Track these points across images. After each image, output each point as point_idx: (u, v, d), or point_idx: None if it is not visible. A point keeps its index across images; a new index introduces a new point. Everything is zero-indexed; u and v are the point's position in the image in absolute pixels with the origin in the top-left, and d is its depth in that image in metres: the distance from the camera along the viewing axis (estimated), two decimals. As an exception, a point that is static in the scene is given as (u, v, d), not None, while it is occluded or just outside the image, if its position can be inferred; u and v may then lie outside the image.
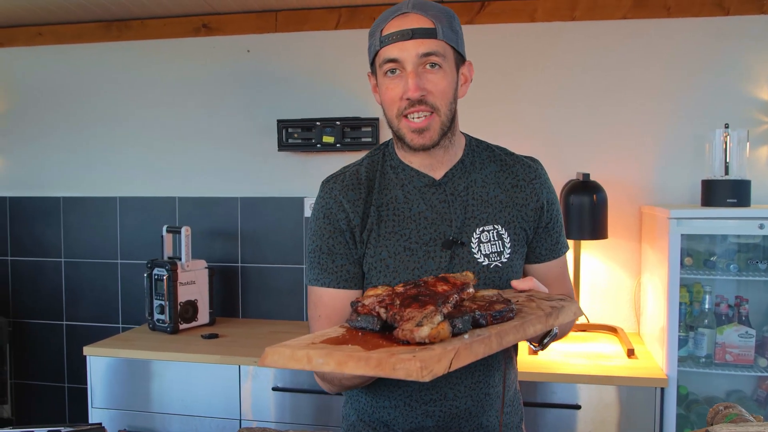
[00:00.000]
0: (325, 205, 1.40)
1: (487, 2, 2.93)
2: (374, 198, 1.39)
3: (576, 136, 2.91)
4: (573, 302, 1.22)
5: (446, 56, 1.30)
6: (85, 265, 3.35)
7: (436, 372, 0.90)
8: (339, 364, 0.95)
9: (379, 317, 1.07)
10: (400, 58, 1.28)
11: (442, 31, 1.28)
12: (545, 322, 1.12)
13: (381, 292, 1.12)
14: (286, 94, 3.14)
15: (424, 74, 1.28)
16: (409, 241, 1.36)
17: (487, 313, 1.06)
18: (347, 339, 1.04)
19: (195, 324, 2.94)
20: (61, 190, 3.38)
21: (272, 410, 2.53)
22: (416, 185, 1.40)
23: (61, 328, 3.39)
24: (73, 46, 3.31)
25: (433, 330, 0.97)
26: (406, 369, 0.90)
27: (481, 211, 1.39)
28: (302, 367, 0.98)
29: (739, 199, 2.44)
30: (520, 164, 1.45)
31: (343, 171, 1.45)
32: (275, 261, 3.17)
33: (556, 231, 1.47)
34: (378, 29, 1.32)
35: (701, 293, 2.50)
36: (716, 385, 2.61)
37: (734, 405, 1.31)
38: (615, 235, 2.85)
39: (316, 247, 1.41)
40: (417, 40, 1.27)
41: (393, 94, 1.31)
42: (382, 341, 1.01)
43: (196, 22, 3.18)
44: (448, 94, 1.31)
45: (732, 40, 2.77)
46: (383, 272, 1.36)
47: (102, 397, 2.66)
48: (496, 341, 1.02)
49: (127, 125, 3.30)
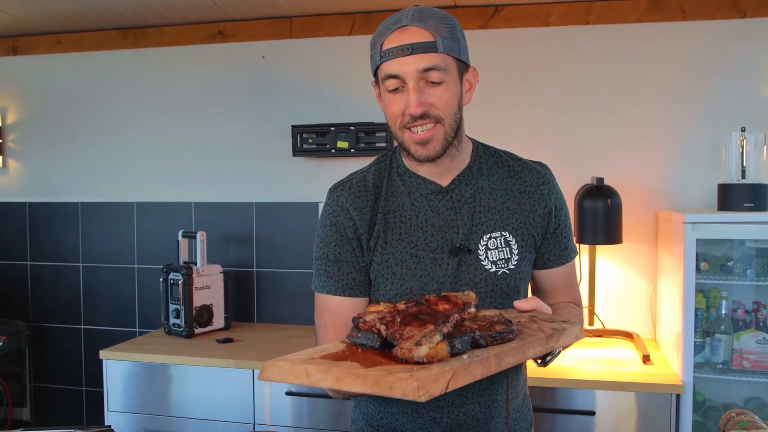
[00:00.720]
0: (332, 212, 1.41)
1: (500, 7, 2.93)
2: (381, 205, 1.39)
3: (591, 141, 2.89)
4: (575, 325, 1.21)
5: (448, 68, 1.28)
6: (103, 270, 3.39)
7: (433, 392, 0.91)
8: (337, 381, 0.96)
9: (379, 334, 1.08)
10: (401, 74, 1.27)
11: (442, 43, 1.26)
12: (545, 345, 1.12)
13: (383, 308, 1.13)
14: (300, 100, 3.15)
15: (426, 89, 1.27)
16: (416, 248, 1.36)
17: (488, 334, 1.07)
18: (347, 355, 1.05)
19: (210, 328, 2.96)
20: (80, 195, 3.42)
21: (286, 415, 2.54)
22: (423, 192, 1.40)
23: (79, 332, 3.42)
24: (91, 53, 3.36)
25: (432, 350, 0.98)
26: (402, 388, 0.90)
27: (489, 218, 1.39)
28: (300, 382, 0.99)
29: (756, 203, 2.41)
30: (527, 169, 1.44)
31: (350, 178, 1.45)
32: (290, 266, 3.19)
33: (564, 236, 1.47)
34: (378, 42, 1.30)
35: (718, 298, 2.48)
36: (734, 392, 2.57)
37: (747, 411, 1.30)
38: (630, 239, 2.83)
39: (323, 254, 1.41)
40: (417, 56, 1.25)
41: (395, 109, 1.30)
42: (381, 359, 1.02)
43: (211, 29, 3.21)
44: (451, 106, 1.30)
45: (749, 42, 2.75)
46: (390, 279, 1.36)
47: (118, 401, 2.69)
48: (495, 363, 1.03)
49: (143, 131, 3.34)
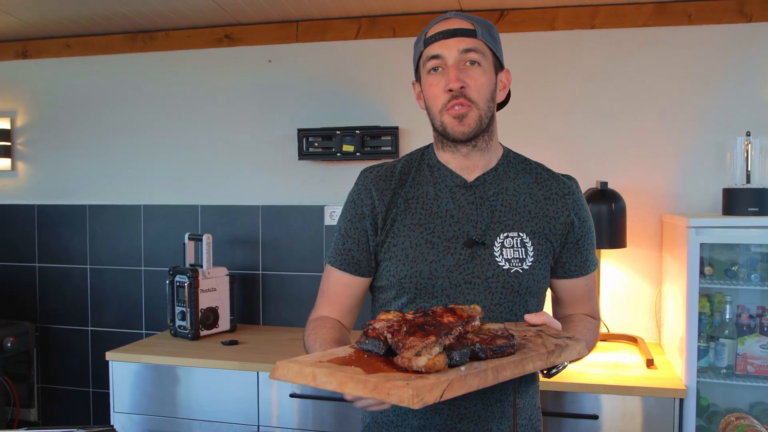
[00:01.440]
0: (357, 191, 1.51)
1: (506, 11, 2.94)
2: (405, 191, 1.47)
3: (595, 145, 2.89)
4: (578, 342, 1.24)
5: (485, 55, 1.40)
6: (110, 272, 3.41)
7: (427, 400, 0.96)
8: (340, 384, 1.03)
9: (385, 342, 1.13)
10: (443, 54, 1.38)
11: (481, 33, 1.39)
12: (546, 360, 1.16)
13: (392, 317, 1.18)
14: (306, 104, 3.17)
15: (465, 69, 1.38)
16: (433, 234, 1.43)
17: (488, 348, 1.11)
18: (353, 360, 1.12)
19: (216, 330, 2.98)
20: (87, 198, 3.45)
21: (290, 417, 2.55)
22: (448, 184, 1.47)
23: (86, 333, 3.45)
24: (100, 57, 3.39)
25: (430, 361, 1.03)
26: (399, 395, 0.96)
27: (508, 218, 1.44)
28: (307, 383, 1.06)
29: (761, 207, 2.41)
30: (554, 179, 1.50)
31: (382, 164, 1.55)
32: (296, 269, 3.20)
33: (586, 248, 1.51)
34: (423, 34, 1.44)
35: (722, 303, 2.47)
36: (738, 397, 2.56)
37: (746, 416, 1.30)
38: (635, 243, 2.83)
39: (339, 228, 1.53)
40: (458, 38, 1.38)
41: (436, 90, 1.40)
42: (384, 366, 1.08)
43: (218, 33, 3.23)
44: (485, 90, 1.40)
45: (754, 46, 2.74)
46: (402, 261, 1.42)
47: (124, 402, 2.70)
48: (492, 375, 1.07)
49: (151, 134, 3.36)
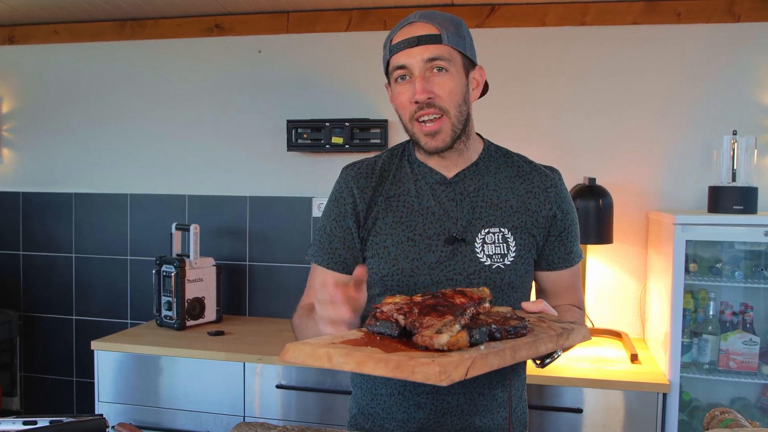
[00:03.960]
0: (338, 188, 1.52)
1: (497, 6, 2.94)
2: (385, 188, 1.47)
3: (584, 141, 2.91)
4: (582, 326, 1.24)
5: (452, 60, 1.35)
6: (95, 261, 3.39)
7: (454, 377, 0.93)
8: (359, 364, 0.99)
9: (397, 323, 1.10)
10: (408, 64, 1.35)
11: (447, 37, 1.34)
12: (556, 342, 1.16)
13: (399, 300, 1.16)
14: (296, 95, 3.16)
15: (431, 78, 1.34)
16: (414, 232, 1.43)
17: (503, 328, 1.10)
18: (366, 342, 1.08)
19: (202, 321, 2.97)
20: (73, 186, 3.42)
21: (276, 408, 2.55)
22: (428, 181, 1.46)
23: (70, 322, 3.43)
24: (88, 44, 3.36)
25: (452, 338, 1.01)
26: (425, 372, 0.92)
27: (489, 214, 1.43)
28: (321, 364, 1.02)
29: (745, 205, 2.43)
30: (536, 172, 1.49)
31: (362, 160, 1.54)
32: (283, 260, 3.20)
33: (570, 240, 1.50)
34: (389, 39, 1.40)
35: (706, 299, 2.50)
36: (720, 392, 2.60)
37: (730, 410, 1.32)
38: (621, 240, 2.85)
39: (322, 226, 1.52)
40: (422, 46, 1.33)
41: (404, 99, 1.38)
42: (401, 346, 1.05)
43: (208, 22, 3.21)
44: (456, 96, 1.36)
45: (742, 46, 2.77)
46: (384, 258, 1.43)
47: (108, 392, 2.69)
48: (510, 355, 1.05)
49: (139, 123, 3.34)
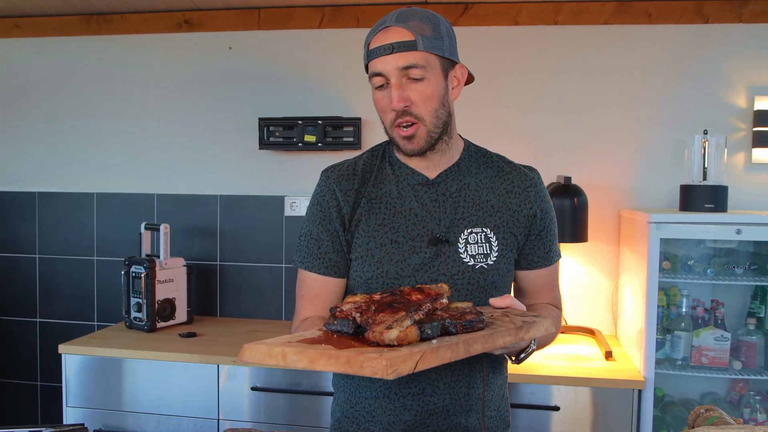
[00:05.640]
0: (320, 192, 1.49)
1: (470, 4, 2.94)
2: (368, 190, 1.46)
3: (558, 139, 2.93)
4: (545, 319, 1.26)
5: (429, 65, 1.34)
6: (61, 262, 3.30)
7: (401, 371, 0.96)
8: (311, 362, 1.03)
9: (354, 321, 1.13)
10: (384, 72, 1.34)
11: (422, 42, 1.32)
12: (515, 335, 1.18)
13: (359, 299, 1.19)
14: (268, 93, 3.12)
15: (408, 85, 1.34)
16: (397, 234, 1.42)
17: (458, 322, 1.12)
18: (322, 340, 1.11)
19: (173, 322, 2.91)
20: (37, 185, 3.32)
21: (251, 410, 2.51)
22: (410, 183, 1.46)
23: (34, 325, 3.33)
24: (52, 39, 3.26)
25: (402, 333, 1.04)
26: (372, 367, 0.96)
27: (471, 214, 1.44)
28: (276, 363, 1.05)
29: (716, 204, 2.47)
30: (516, 172, 1.50)
31: (342, 162, 1.52)
32: (255, 260, 3.15)
33: (549, 239, 1.52)
34: (366, 42, 1.39)
35: (678, 296, 2.54)
36: (691, 388, 2.64)
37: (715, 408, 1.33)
38: (594, 238, 2.88)
39: (307, 231, 1.49)
40: (397, 54, 1.32)
41: (383, 105, 1.39)
42: (354, 342, 1.09)
43: (177, 18, 3.15)
44: (432, 102, 1.36)
45: (711, 47, 2.82)
46: (368, 261, 1.42)
47: (77, 396, 2.62)
48: (464, 348, 1.08)
49: (105, 120, 3.25)
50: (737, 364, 2.46)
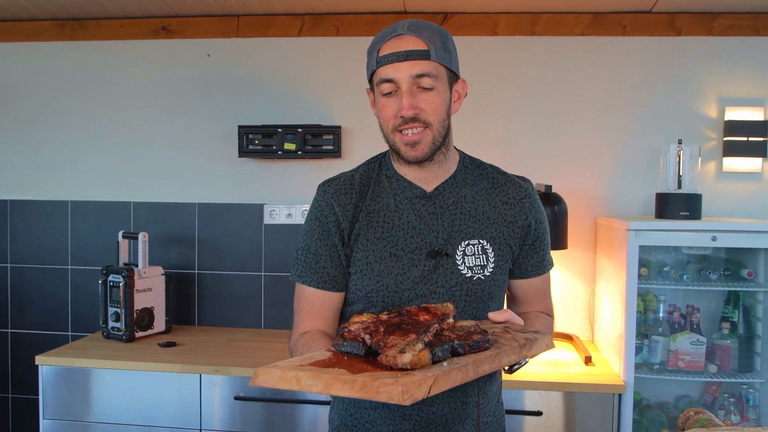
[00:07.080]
0: (318, 207, 1.48)
1: (449, 15, 2.98)
2: (366, 204, 1.46)
3: (536, 148, 2.98)
4: (546, 335, 1.28)
5: (439, 76, 1.36)
6: (34, 271, 3.24)
7: (417, 396, 0.98)
8: (326, 386, 1.03)
9: (363, 343, 1.14)
10: (396, 78, 1.34)
11: (435, 53, 1.34)
12: (519, 353, 1.21)
13: (366, 319, 1.19)
14: (247, 100, 3.11)
15: (418, 93, 1.35)
16: (396, 247, 1.42)
17: (465, 343, 1.14)
18: (334, 362, 1.11)
19: (151, 332, 2.88)
20: (9, 192, 3.26)
21: (235, 420, 2.49)
22: (408, 196, 1.46)
23: (6, 336, 3.25)
24: (26, 44, 3.21)
25: (415, 357, 1.05)
26: (388, 393, 0.97)
27: (468, 226, 1.45)
28: (291, 387, 1.05)
29: (691, 211, 2.54)
30: (511, 183, 1.52)
31: (339, 176, 1.52)
32: (233, 268, 3.13)
33: (542, 249, 1.54)
34: (375, 49, 1.38)
35: (654, 302, 2.60)
36: (667, 391, 2.70)
37: (703, 410, 1.37)
38: (572, 245, 2.93)
39: (305, 246, 1.48)
40: (411, 62, 1.33)
41: (389, 112, 1.38)
42: (367, 366, 1.09)
43: (155, 24, 3.12)
44: (440, 112, 1.38)
45: (683, 59, 2.89)
46: (368, 275, 1.42)
47: (55, 409, 2.57)
48: (473, 370, 1.10)
49: (81, 127, 3.21)
50: (712, 368, 2.52)
